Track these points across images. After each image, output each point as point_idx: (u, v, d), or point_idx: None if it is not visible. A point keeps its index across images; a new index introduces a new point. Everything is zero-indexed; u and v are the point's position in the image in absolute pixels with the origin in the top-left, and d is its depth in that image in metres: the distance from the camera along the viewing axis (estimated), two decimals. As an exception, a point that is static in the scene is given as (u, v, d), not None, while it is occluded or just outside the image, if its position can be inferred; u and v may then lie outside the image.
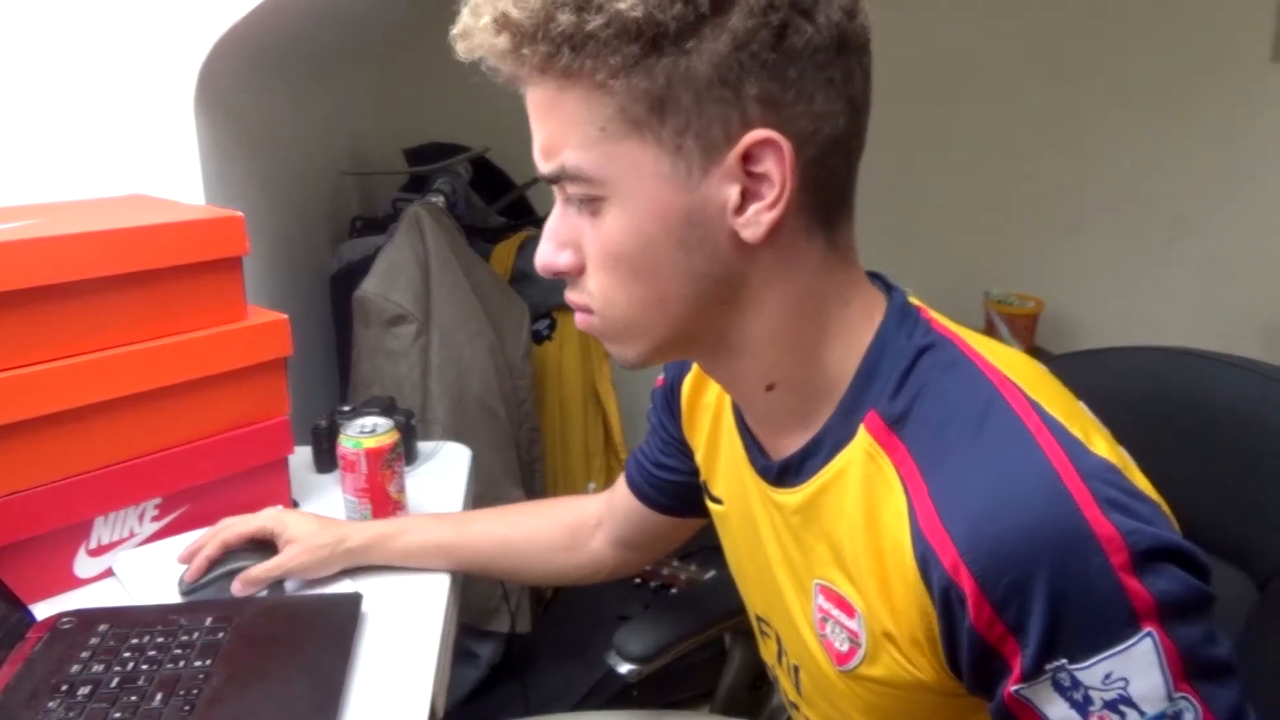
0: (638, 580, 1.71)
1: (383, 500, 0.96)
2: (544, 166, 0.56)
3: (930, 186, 2.17)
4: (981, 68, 2.14)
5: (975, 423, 0.53)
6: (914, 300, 0.61)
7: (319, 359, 1.68)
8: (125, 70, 1.13)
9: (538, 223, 1.93)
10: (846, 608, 0.59)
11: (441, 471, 1.13)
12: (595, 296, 0.58)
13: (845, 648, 0.60)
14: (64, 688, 0.71)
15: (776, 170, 0.52)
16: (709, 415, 0.74)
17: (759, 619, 0.75)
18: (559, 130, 0.54)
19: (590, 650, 1.56)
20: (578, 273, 0.58)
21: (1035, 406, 0.53)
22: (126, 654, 0.75)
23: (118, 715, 0.69)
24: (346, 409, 1.12)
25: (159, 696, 0.70)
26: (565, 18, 0.50)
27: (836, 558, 0.59)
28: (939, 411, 0.55)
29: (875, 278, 0.62)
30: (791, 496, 0.62)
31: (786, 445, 0.62)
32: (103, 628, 0.79)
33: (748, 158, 0.52)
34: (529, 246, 1.77)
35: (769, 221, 0.53)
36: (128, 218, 0.91)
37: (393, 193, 1.87)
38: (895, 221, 1.52)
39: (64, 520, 0.87)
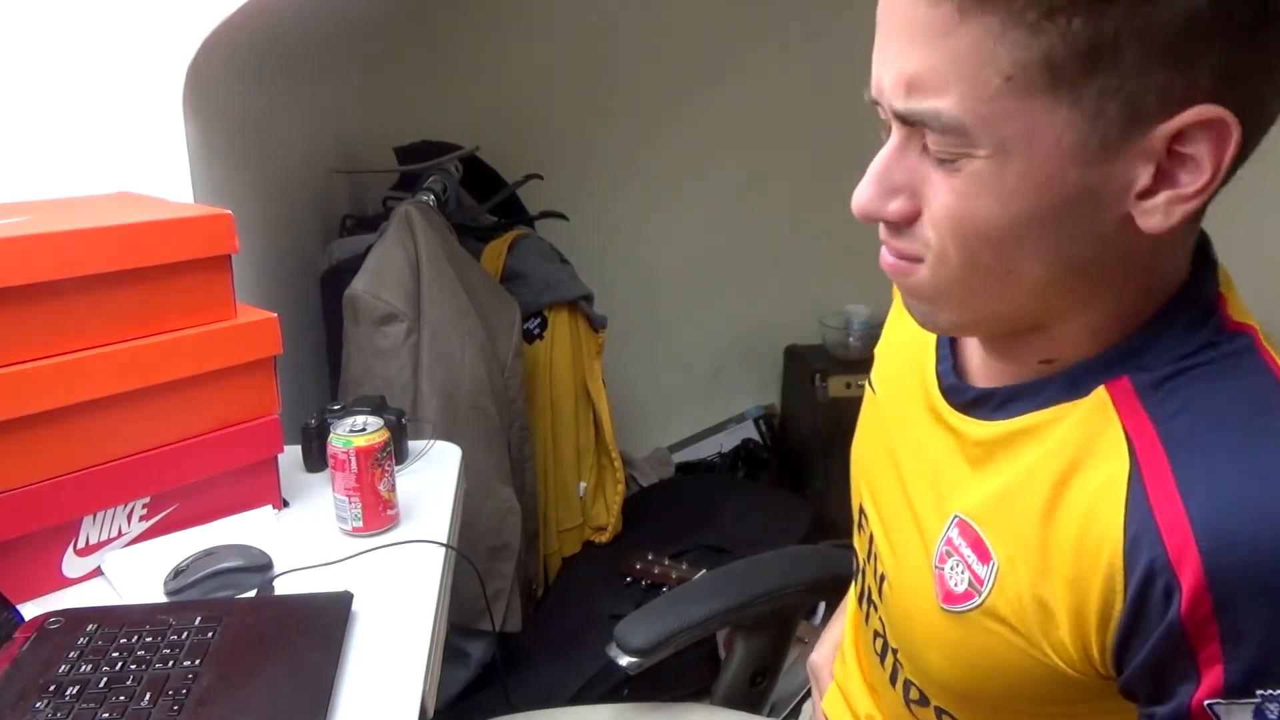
0: (628, 579, 1.71)
1: (373, 499, 0.96)
2: (903, 103, 0.46)
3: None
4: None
5: (1255, 417, 0.47)
6: (1221, 287, 0.53)
7: (309, 358, 1.67)
8: (113, 67, 1.12)
9: (529, 221, 1.93)
10: (983, 552, 0.54)
11: (432, 470, 1.13)
12: (931, 250, 0.49)
13: (961, 589, 0.55)
14: (52, 688, 0.71)
15: (1210, 155, 0.44)
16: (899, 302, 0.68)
17: (861, 510, 0.71)
18: (945, 66, 0.43)
19: (581, 649, 1.56)
20: (908, 222, 0.50)
21: None
22: (115, 654, 0.75)
23: (106, 715, 0.68)
24: (336, 408, 1.12)
25: (147, 696, 0.70)
26: None
27: (999, 502, 0.54)
28: (1208, 396, 0.48)
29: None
30: (980, 428, 0.56)
31: (1003, 376, 0.56)
32: (91, 627, 0.78)
33: (1179, 136, 0.43)
34: (520, 245, 1.77)
35: (1182, 214, 0.45)
36: (116, 215, 0.91)
37: (383, 191, 1.87)
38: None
39: (52, 519, 0.87)
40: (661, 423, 2.42)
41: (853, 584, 0.77)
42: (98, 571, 0.91)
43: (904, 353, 0.67)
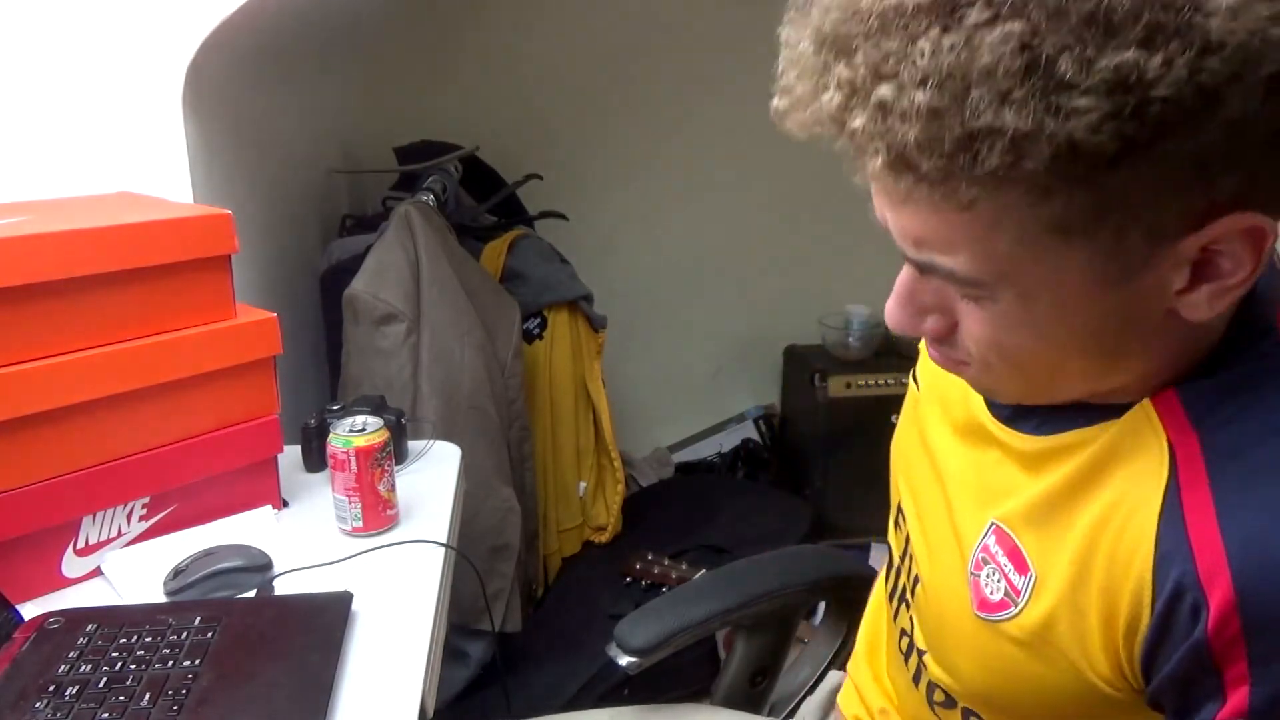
0: (628, 579, 1.71)
1: (372, 500, 0.96)
2: (913, 253, 0.46)
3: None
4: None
5: None
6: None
7: (308, 358, 1.67)
8: (113, 67, 1.12)
9: (528, 221, 1.94)
10: (1020, 562, 0.54)
11: (431, 470, 1.13)
12: (974, 360, 0.50)
13: (997, 598, 0.55)
14: (52, 688, 0.71)
15: (1249, 253, 0.42)
16: None
17: (899, 508, 0.71)
18: (950, 233, 0.43)
19: (581, 649, 1.56)
20: (946, 336, 0.50)
21: None
22: (115, 654, 0.75)
23: (106, 715, 0.68)
24: (336, 408, 1.12)
25: (147, 696, 0.70)
26: (993, 158, 0.38)
27: (1039, 514, 0.53)
28: (1258, 414, 0.47)
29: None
30: (1024, 441, 0.55)
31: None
32: (91, 627, 0.78)
33: (1209, 244, 0.42)
34: (519, 245, 1.77)
35: (1229, 302, 0.44)
36: (116, 215, 0.91)
37: (383, 191, 1.87)
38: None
39: (51, 519, 0.87)
40: (661, 423, 2.42)
41: (882, 579, 0.76)
42: (97, 571, 0.91)
43: None
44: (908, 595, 0.69)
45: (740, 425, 2.45)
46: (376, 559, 0.93)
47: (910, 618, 0.68)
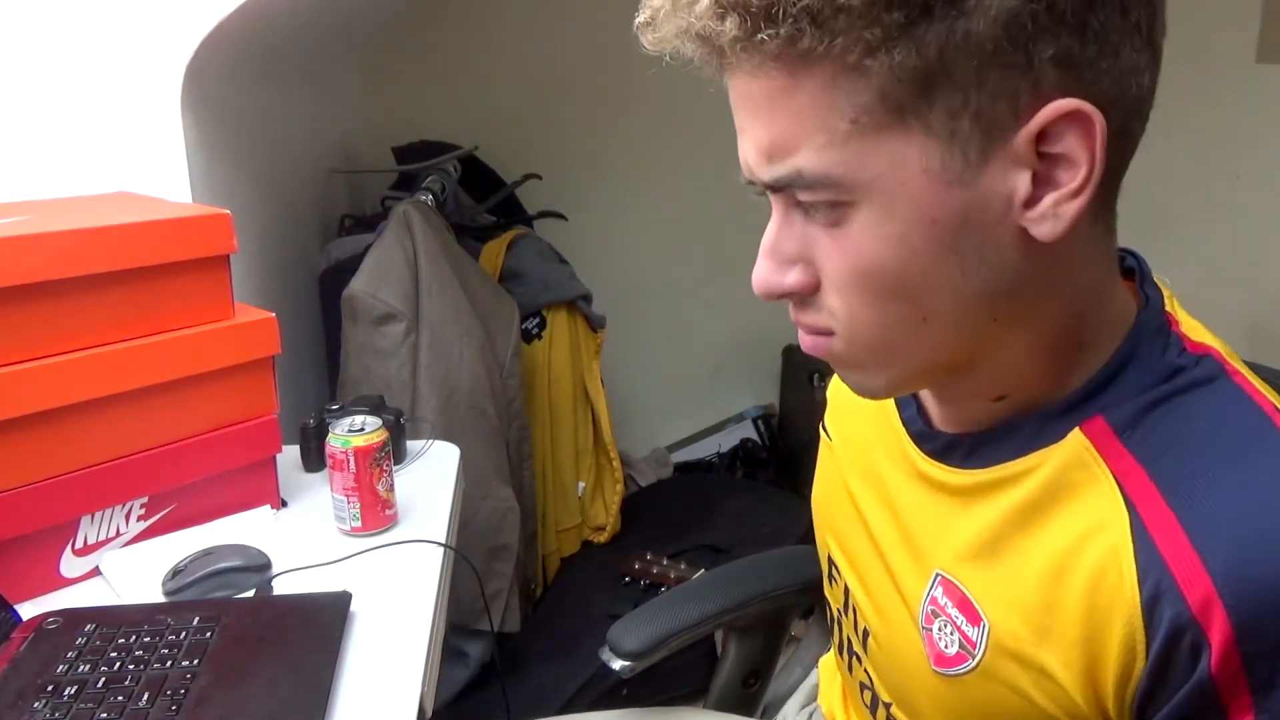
0: (627, 579, 1.71)
1: (371, 500, 0.96)
2: (766, 171, 0.46)
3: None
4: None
5: (1248, 446, 0.45)
6: (1166, 295, 0.52)
7: (307, 358, 1.67)
8: (112, 67, 1.12)
9: (527, 221, 1.93)
10: (971, 613, 0.52)
11: (430, 470, 1.13)
12: (839, 317, 0.48)
13: (953, 651, 0.53)
14: (50, 688, 0.71)
15: (1082, 148, 0.43)
16: None
17: (831, 561, 0.69)
18: (792, 127, 0.44)
19: (580, 649, 1.56)
20: (809, 292, 0.49)
21: None
22: (113, 654, 0.75)
23: (104, 716, 0.68)
24: (335, 408, 1.12)
25: (145, 697, 0.70)
26: (811, 19, 0.40)
27: (981, 557, 0.52)
28: (1193, 428, 0.46)
29: (1126, 254, 0.53)
30: (954, 476, 0.54)
31: (963, 424, 0.54)
32: (89, 627, 0.78)
33: (1043, 136, 0.43)
34: (518, 245, 1.77)
35: (1072, 213, 0.44)
36: (114, 215, 0.91)
37: (382, 191, 1.87)
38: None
39: (50, 519, 0.86)
40: (660, 423, 2.42)
41: (832, 633, 0.74)
42: (96, 571, 0.91)
43: (864, 403, 0.63)
44: (858, 649, 0.66)
45: (739, 425, 2.45)
46: (375, 559, 0.93)
47: (866, 671, 0.65)
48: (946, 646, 0.54)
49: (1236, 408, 0.47)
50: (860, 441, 0.63)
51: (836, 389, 0.70)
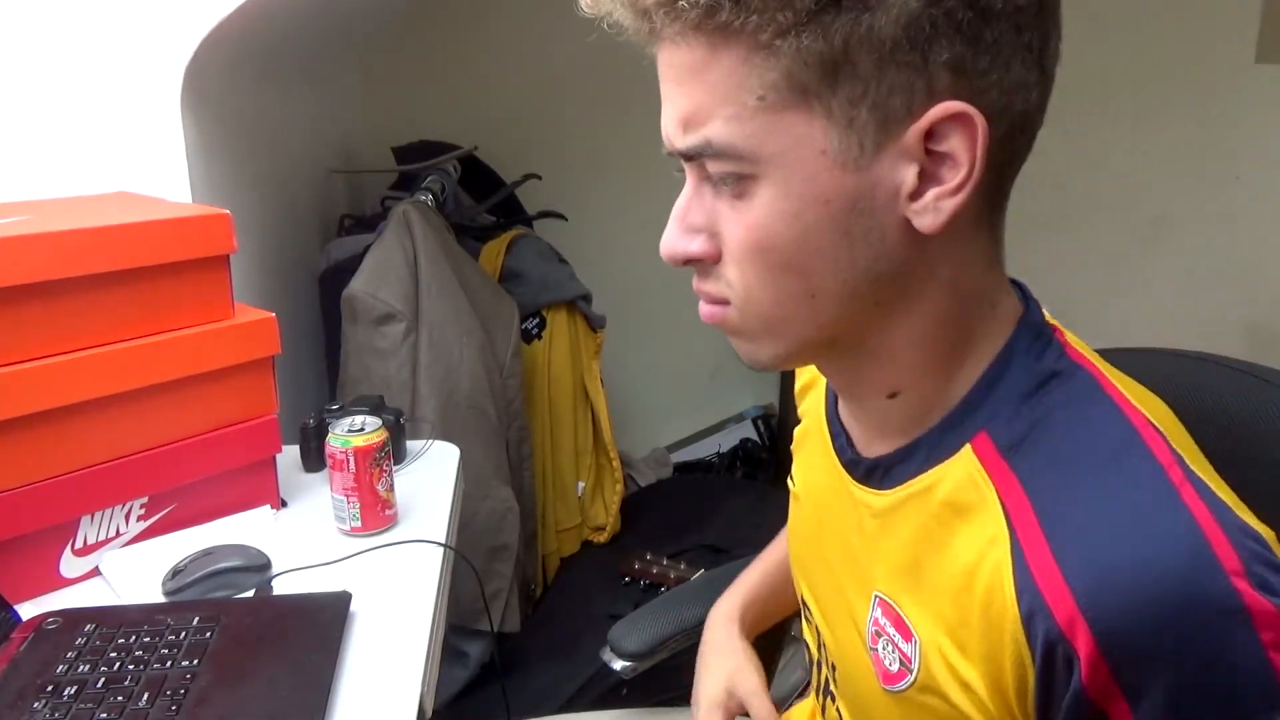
0: (627, 579, 1.71)
1: (371, 500, 0.96)
2: (682, 140, 0.49)
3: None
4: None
5: (1110, 462, 0.47)
6: (1050, 319, 0.56)
7: (307, 358, 1.67)
8: (112, 67, 1.12)
9: (527, 221, 1.93)
10: (904, 630, 0.55)
11: (430, 470, 1.13)
12: (735, 288, 0.51)
13: (895, 668, 0.56)
14: (50, 688, 0.71)
15: (964, 149, 0.46)
16: (813, 388, 0.70)
17: (803, 602, 0.72)
18: (707, 98, 0.47)
19: (580, 649, 1.56)
20: (712, 260, 0.52)
21: (1179, 458, 0.47)
22: (113, 654, 0.75)
23: (104, 716, 0.68)
24: (335, 408, 1.12)
25: (145, 697, 0.70)
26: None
27: (906, 576, 0.55)
28: (1066, 443, 0.49)
29: (1014, 285, 0.57)
30: (875, 498, 0.58)
31: (880, 447, 0.58)
32: (89, 628, 0.78)
33: (931, 134, 0.46)
34: (518, 245, 1.77)
35: (950, 209, 0.47)
36: (114, 215, 0.91)
37: (381, 191, 1.87)
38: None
39: (50, 519, 0.87)
40: (660, 423, 2.42)
41: (811, 676, 0.77)
42: (95, 571, 0.91)
43: (813, 440, 0.68)
44: (832, 687, 0.69)
45: (739, 425, 2.45)
46: (375, 559, 0.93)
47: (838, 710, 0.68)
48: (890, 664, 0.56)
49: (1105, 421, 0.49)
50: (816, 486, 0.67)
51: (799, 442, 0.73)
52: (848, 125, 0.46)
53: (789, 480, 0.74)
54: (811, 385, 0.71)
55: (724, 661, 0.81)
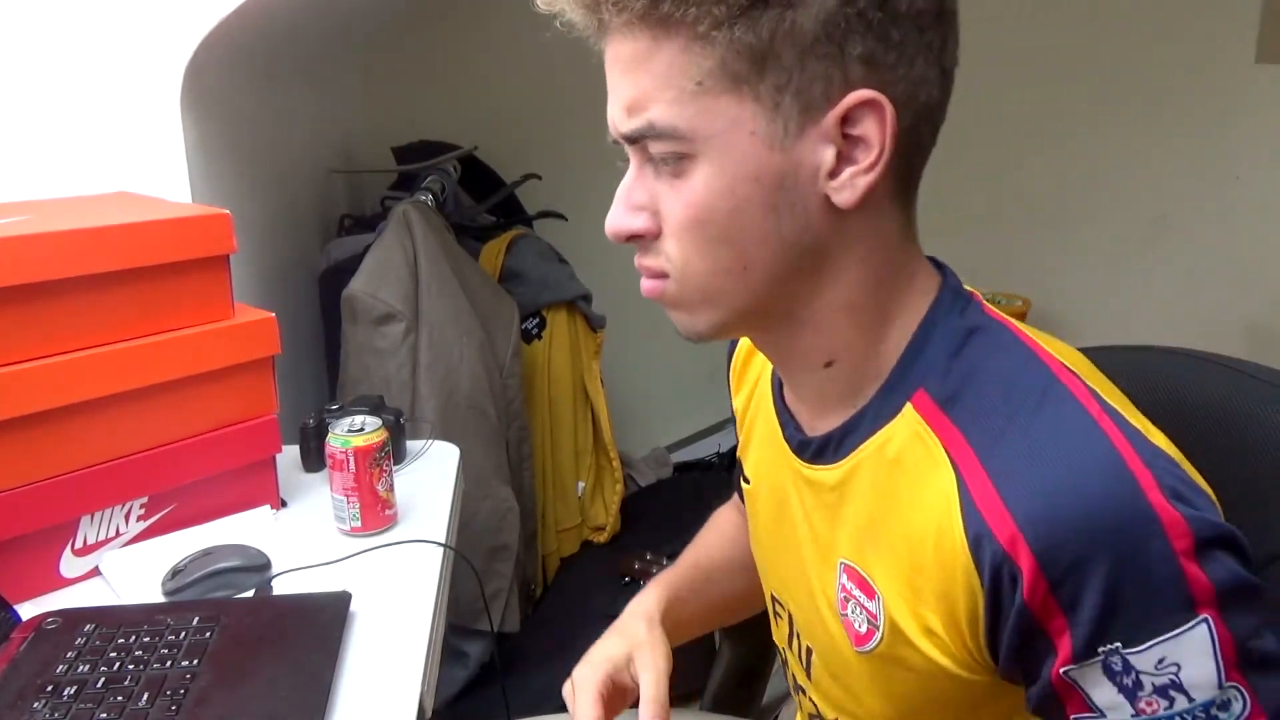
0: (626, 579, 1.71)
1: (371, 499, 0.96)
2: (626, 124, 0.54)
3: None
4: (966, 68, 2.15)
5: (1036, 403, 0.53)
6: (968, 287, 0.61)
7: (307, 358, 1.67)
8: (112, 67, 1.12)
9: (527, 221, 1.93)
10: (867, 589, 0.59)
11: (430, 470, 1.13)
12: (674, 261, 0.56)
13: (864, 629, 0.59)
14: (49, 688, 0.71)
15: (876, 133, 0.52)
16: (749, 390, 0.74)
17: (773, 599, 0.74)
18: (650, 85, 0.52)
19: (579, 649, 1.56)
20: (653, 237, 0.56)
21: (1094, 393, 0.53)
22: (113, 654, 0.75)
23: (104, 716, 0.68)
24: (335, 408, 1.12)
25: (145, 697, 0.70)
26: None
27: (864, 537, 0.59)
28: (996, 392, 0.54)
29: (930, 261, 0.62)
30: (828, 473, 0.61)
31: (827, 423, 0.61)
32: (89, 628, 0.78)
33: (846, 119, 0.51)
34: (518, 245, 1.77)
35: (864, 186, 0.52)
36: (114, 215, 0.91)
37: (381, 191, 1.87)
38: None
39: (49, 519, 0.87)
40: (660, 422, 2.42)
41: (787, 679, 0.78)
42: (95, 571, 0.91)
43: (761, 434, 0.71)
44: (804, 680, 0.71)
45: (739, 425, 2.45)
46: (375, 559, 0.93)
47: (811, 700, 0.70)
48: (860, 626, 0.60)
49: (1027, 367, 0.55)
50: (770, 478, 0.70)
51: (745, 445, 0.75)
52: (774, 109, 0.51)
53: (742, 480, 0.76)
54: (747, 381, 0.74)
55: (636, 633, 0.80)
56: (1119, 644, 0.49)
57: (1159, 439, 0.53)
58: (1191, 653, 0.48)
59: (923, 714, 0.60)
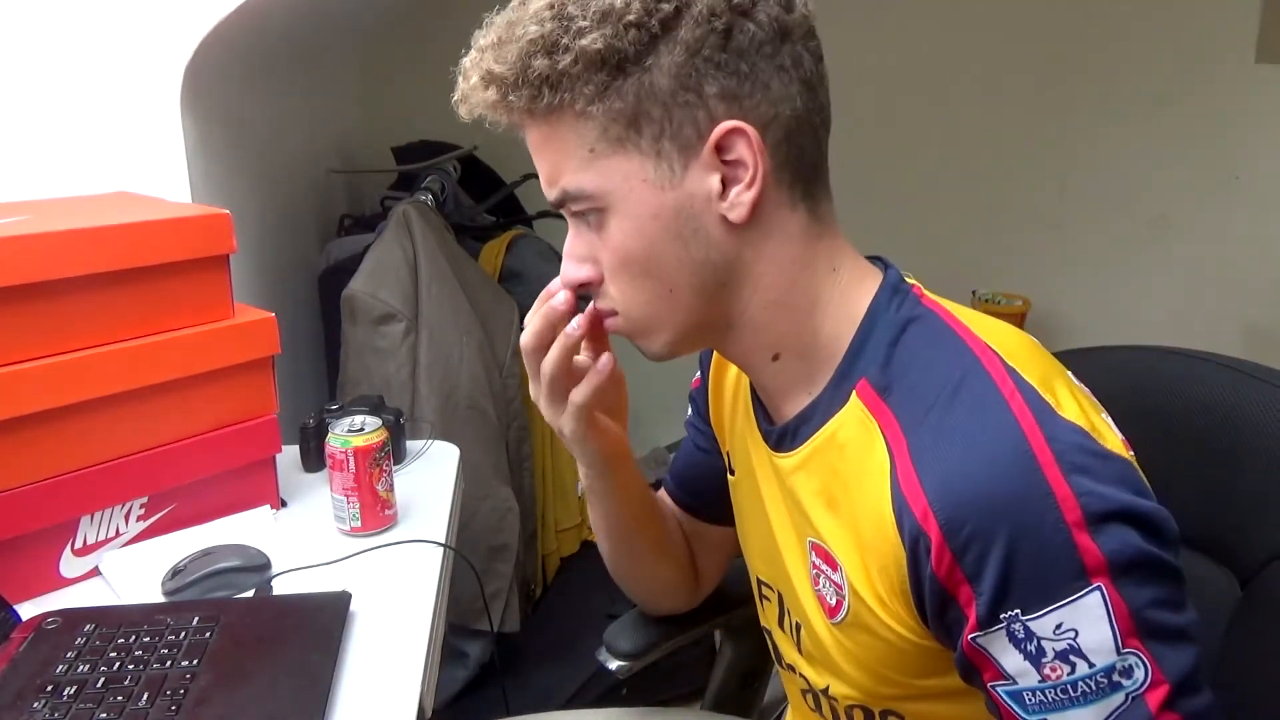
0: (626, 579, 1.71)
1: (371, 499, 0.96)
2: (550, 194, 0.63)
3: (917, 187, 2.18)
4: (967, 68, 2.15)
5: (952, 390, 0.58)
6: (910, 279, 0.66)
7: (307, 358, 1.67)
8: (111, 67, 1.12)
9: (527, 221, 1.93)
10: (831, 563, 0.64)
11: (430, 470, 1.13)
12: (617, 300, 0.64)
13: (834, 601, 0.64)
14: (49, 688, 0.71)
15: (748, 154, 0.58)
16: (730, 395, 0.79)
17: (760, 583, 0.78)
18: (556, 160, 0.61)
19: (579, 649, 1.56)
20: (598, 283, 0.64)
21: (1011, 373, 0.58)
22: (113, 654, 0.75)
23: (104, 716, 0.68)
24: (334, 408, 1.12)
25: (145, 697, 0.70)
26: (539, 62, 0.57)
27: (826, 516, 0.64)
28: (922, 380, 0.59)
29: (875, 260, 0.67)
30: (791, 459, 0.67)
31: (789, 411, 0.67)
32: (88, 627, 0.78)
33: (720, 148, 0.58)
34: (518, 245, 1.77)
35: (749, 200, 0.59)
36: (114, 215, 0.91)
37: (381, 191, 1.87)
38: (882, 222, 1.52)
39: (49, 519, 0.87)
40: (659, 422, 2.42)
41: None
42: (95, 571, 0.91)
43: (741, 429, 0.76)
44: (795, 655, 0.74)
45: (739, 425, 2.45)
46: (375, 559, 0.93)
47: (802, 675, 0.74)
48: (830, 599, 0.65)
49: (951, 356, 0.60)
50: (747, 465, 0.75)
51: (729, 441, 0.79)
52: (657, 156, 0.59)
53: (728, 470, 0.80)
54: (727, 389, 0.79)
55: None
56: (1018, 610, 0.53)
57: (1072, 411, 0.56)
58: (1087, 619, 0.52)
59: (893, 679, 0.64)
